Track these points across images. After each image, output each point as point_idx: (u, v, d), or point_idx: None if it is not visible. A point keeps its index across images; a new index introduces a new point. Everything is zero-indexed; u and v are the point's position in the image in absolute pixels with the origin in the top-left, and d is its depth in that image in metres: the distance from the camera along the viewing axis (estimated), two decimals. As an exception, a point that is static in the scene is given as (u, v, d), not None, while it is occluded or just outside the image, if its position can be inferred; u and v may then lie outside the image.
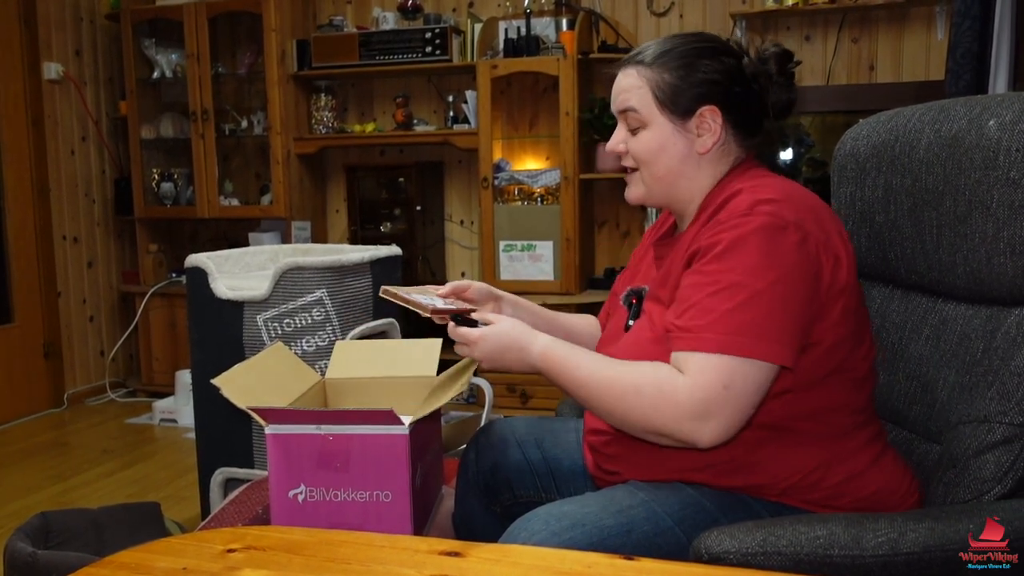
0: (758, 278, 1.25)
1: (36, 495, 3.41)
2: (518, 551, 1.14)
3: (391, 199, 4.74)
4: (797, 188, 1.37)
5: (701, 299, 1.28)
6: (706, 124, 1.43)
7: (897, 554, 1.15)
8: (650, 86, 1.44)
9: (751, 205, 1.30)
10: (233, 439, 2.59)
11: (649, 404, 1.26)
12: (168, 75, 4.93)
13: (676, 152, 1.44)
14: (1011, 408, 1.30)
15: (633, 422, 1.29)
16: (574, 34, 4.24)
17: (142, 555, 1.14)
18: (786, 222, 1.28)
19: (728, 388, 1.23)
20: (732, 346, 1.23)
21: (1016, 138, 1.33)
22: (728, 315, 1.24)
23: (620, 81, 1.50)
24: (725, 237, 1.29)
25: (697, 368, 1.24)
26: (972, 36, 3.06)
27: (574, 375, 1.35)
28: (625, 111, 1.47)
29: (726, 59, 1.44)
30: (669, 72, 1.43)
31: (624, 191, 1.55)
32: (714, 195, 1.42)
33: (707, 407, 1.22)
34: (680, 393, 1.23)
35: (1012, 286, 1.35)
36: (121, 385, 5.05)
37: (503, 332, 1.42)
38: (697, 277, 1.31)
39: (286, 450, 1.39)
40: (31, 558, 2.13)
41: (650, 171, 1.46)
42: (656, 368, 1.28)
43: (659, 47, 1.47)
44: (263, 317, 2.51)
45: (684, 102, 1.43)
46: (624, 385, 1.29)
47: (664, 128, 1.44)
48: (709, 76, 1.42)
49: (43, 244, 4.67)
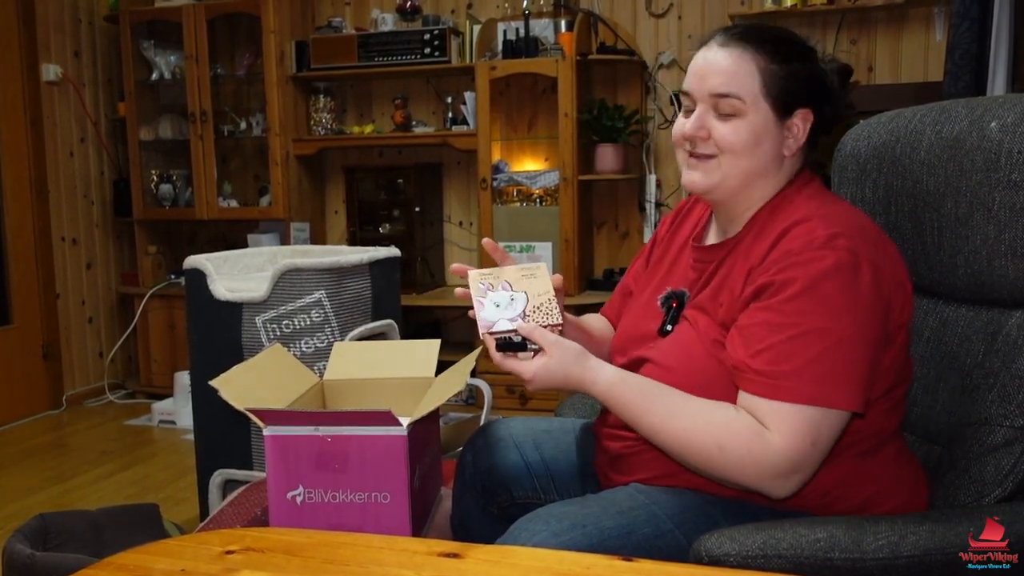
0: (839, 323, 1.21)
1: (35, 496, 3.40)
2: (517, 552, 1.14)
3: (390, 200, 4.74)
4: (858, 214, 1.34)
5: (779, 343, 1.22)
6: (797, 126, 1.35)
7: (898, 557, 1.15)
8: (762, 75, 1.32)
9: (827, 239, 1.23)
10: (232, 441, 2.58)
11: (734, 463, 1.22)
12: (167, 76, 4.92)
13: (769, 149, 1.35)
14: (1012, 411, 1.30)
15: (710, 474, 1.26)
16: (573, 35, 4.24)
17: (141, 556, 1.14)
18: (861, 259, 1.23)
19: (815, 444, 1.20)
20: (819, 397, 1.19)
21: (1018, 140, 1.33)
22: (812, 363, 1.20)
23: (719, 59, 1.33)
24: (801, 275, 1.23)
25: (786, 425, 1.19)
26: (971, 37, 3.06)
27: (647, 420, 1.28)
28: (723, 95, 1.32)
29: (815, 62, 1.36)
30: (779, 64, 1.32)
31: (685, 177, 1.40)
32: (773, 209, 1.36)
33: (796, 466, 1.20)
34: (769, 455, 1.20)
35: (1013, 288, 1.35)
36: (120, 387, 5.04)
37: (558, 369, 1.30)
38: (771, 315, 1.24)
39: (284, 451, 1.39)
40: (30, 560, 2.13)
41: (737, 162, 1.34)
42: (737, 419, 1.23)
43: (760, 33, 1.35)
44: (262, 318, 2.51)
45: (790, 99, 1.33)
46: (704, 440, 1.23)
47: (765, 120, 1.33)
48: (814, 76, 1.35)
49: (42, 245, 4.66)
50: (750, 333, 1.26)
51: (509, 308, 1.36)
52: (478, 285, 1.39)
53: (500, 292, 1.38)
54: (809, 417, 1.20)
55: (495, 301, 1.37)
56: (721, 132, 1.33)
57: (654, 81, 4.50)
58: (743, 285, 1.31)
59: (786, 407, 1.20)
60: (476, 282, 1.39)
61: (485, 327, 1.34)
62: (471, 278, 1.40)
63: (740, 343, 1.27)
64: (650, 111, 4.52)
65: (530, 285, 1.39)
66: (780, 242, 1.28)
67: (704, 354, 1.32)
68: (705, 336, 1.33)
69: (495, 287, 1.38)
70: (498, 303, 1.37)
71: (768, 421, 1.21)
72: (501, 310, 1.36)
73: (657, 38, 4.50)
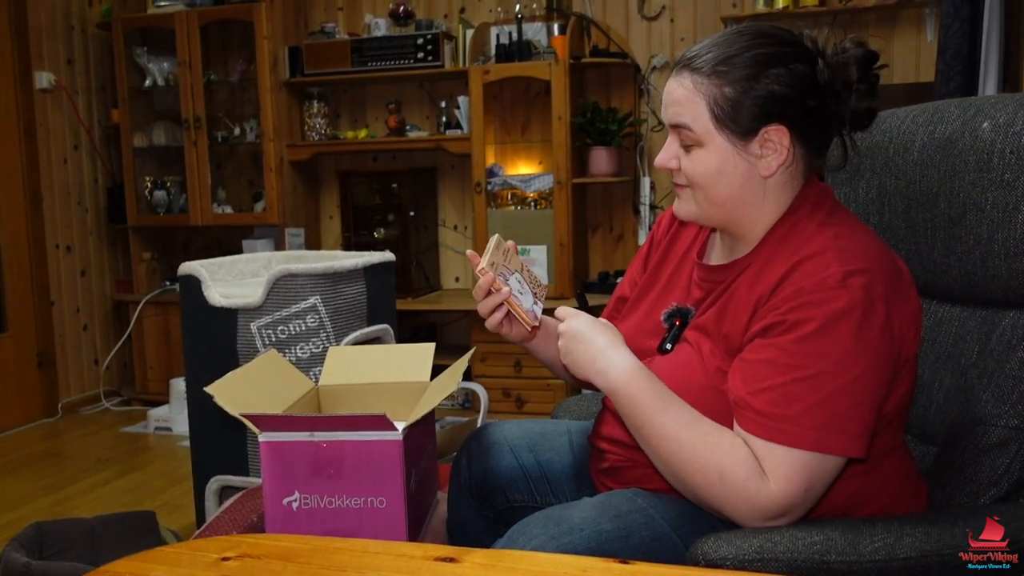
0: (848, 369, 1.17)
1: (30, 505, 3.39)
2: (513, 556, 1.14)
3: (384, 205, 4.73)
4: (873, 241, 1.28)
5: (784, 384, 1.18)
6: (771, 144, 1.27)
7: (894, 559, 1.15)
8: (707, 101, 1.26)
9: (842, 278, 1.19)
10: (228, 447, 2.58)
11: (727, 495, 1.19)
12: (160, 83, 4.92)
13: (736, 176, 1.28)
14: (1007, 411, 1.30)
15: (699, 497, 1.24)
16: (565, 39, 4.24)
17: (137, 564, 1.14)
18: (876, 298, 1.19)
19: (808, 491, 1.18)
20: (820, 443, 1.17)
21: (1010, 140, 1.33)
22: (815, 408, 1.17)
23: (672, 91, 1.30)
24: (814, 316, 1.18)
25: (780, 469, 1.17)
26: (962, 38, 3.08)
27: (659, 420, 1.25)
28: (677, 126, 1.30)
29: (798, 67, 1.26)
30: (730, 84, 1.25)
31: (674, 205, 1.40)
32: (785, 234, 1.30)
33: (785, 510, 1.19)
34: (762, 497, 1.17)
35: (1007, 288, 1.35)
36: (115, 394, 5.03)
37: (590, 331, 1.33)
38: (778, 354, 1.20)
39: (280, 457, 1.39)
40: (26, 568, 2.12)
41: (706, 195, 1.31)
42: (742, 449, 1.20)
43: (719, 51, 1.27)
44: (257, 324, 2.50)
45: (746, 121, 1.26)
46: (708, 462, 1.20)
47: (722, 149, 1.27)
48: (777, 89, 1.25)
49: (36, 253, 4.65)
50: (754, 370, 1.22)
51: (525, 292, 1.48)
52: (500, 271, 1.46)
53: (512, 280, 1.47)
54: (806, 463, 1.17)
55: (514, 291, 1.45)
56: (685, 165, 1.31)
57: (647, 84, 4.50)
58: (750, 317, 1.27)
59: (782, 450, 1.17)
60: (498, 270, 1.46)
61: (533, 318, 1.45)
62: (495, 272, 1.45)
63: (741, 378, 1.23)
64: (643, 114, 4.53)
65: (513, 261, 1.51)
66: (792, 276, 1.23)
67: (705, 383, 1.29)
68: (709, 363, 1.30)
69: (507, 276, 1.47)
70: (519, 291, 1.46)
71: (765, 464, 1.18)
72: (524, 297, 1.46)
73: (650, 41, 4.51)
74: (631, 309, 1.54)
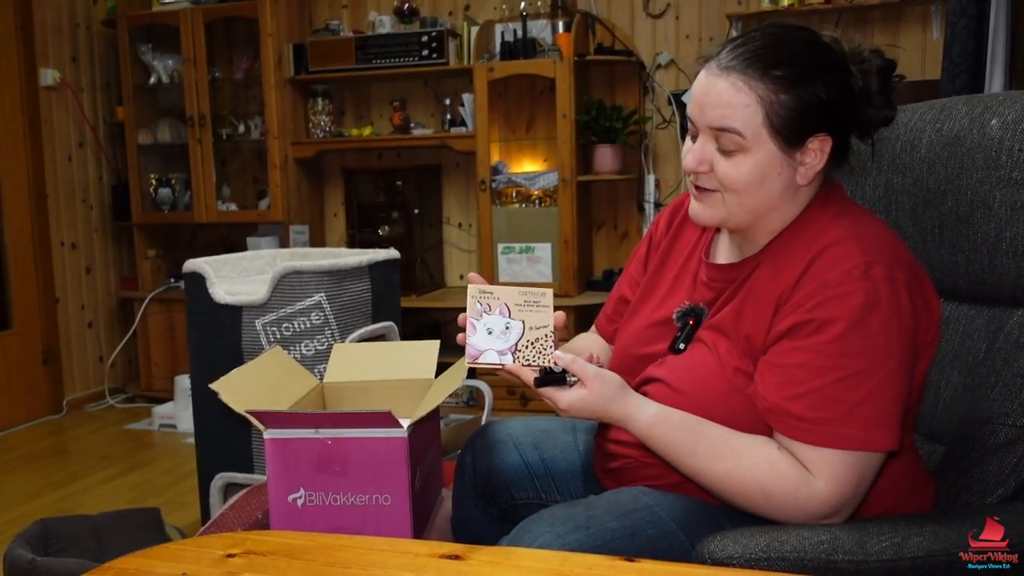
0: (883, 365, 1.17)
1: (35, 502, 3.40)
2: (519, 553, 1.14)
3: (389, 202, 4.73)
4: (888, 230, 1.29)
5: (822, 386, 1.18)
6: (813, 153, 1.25)
7: (901, 559, 1.14)
8: (764, 107, 1.21)
9: (864, 269, 1.18)
10: (233, 444, 2.58)
11: (778, 507, 1.20)
12: (165, 80, 4.92)
13: (778, 184, 1.25)
14: (1014, 410, 1.29)
15: (753, 513, 1.24)
16: (570, 36, 4.24)
17: (142, 561, 1.14)
18: (898, 285, 1.19)
19: (859, 487, 1.20)
20: (865, 442, 1.17)
21: (1019, 138, 1.32)
22: (857, 407, 1.17)
23: (720, 91, 1.23)
24: (842, 313, 1.17)
25: (830, 470, 1.18)
26: (968, 35, 3.06)
27: (688, 462, 1.25)
28: (722, 130, 1.23)
29: (842, 75, 1.24)
30: (787, 91, 1.20)
31: (691, 207, 1.34)
32: (798, 228, 1.29)
33: (839, 508, 1.20)
34: (815, 502, 1.18)
35: (1015, 287, 1.35)
36: (120, 391, 5.04)
37: (596, 403, 1.26)
38: (812, 356, 1.19)
39: (285, 454, 1.39)
40: (31, 565, 2.13)
41: (740, 201, 1.26)
42: (781, 460, 1.20)
43: (768, 53, 1.22)
44: (262, 321, 2.51)
45: (800, 130, 1.22)
46: (749, 484, 1.21)
47: (771, 156, 1.23)
48: (828, 99, 1.22)
49: (41, 250, 4.66)
50: (788, 374, 1.21)
51: (501, 338, 1.28)
52: (475, 305, 1.30)
53: (496, 317, 1.29)
54: (854, 462, 1.18)
55: (488, 326, 1.29)
56: (723, 169, 1.25)
57: (652, 81, 4.50)
58: (772, 314, 1.25)
59: (830, 453, 1.18)
60: (474, 300, 1.30)
61: (472, 357, 1.27)
62: (469, 294, 1.32)
63: (775, 383, 1.22)
64: (648, 111, 4.52)
65: (529, 315, 1.30)
66: (813, 267, 1.22)
67: (724, 385, 1.28)
68: (727, 363, 1.29)
69: (492, 309, 1.30)
70: (491, 329, 1.29)
71: (812, 467, 1.19)
72: (492, 339, 1.28)
73: (655, 38, 4.50)
74: (634, 311, 1.53)
